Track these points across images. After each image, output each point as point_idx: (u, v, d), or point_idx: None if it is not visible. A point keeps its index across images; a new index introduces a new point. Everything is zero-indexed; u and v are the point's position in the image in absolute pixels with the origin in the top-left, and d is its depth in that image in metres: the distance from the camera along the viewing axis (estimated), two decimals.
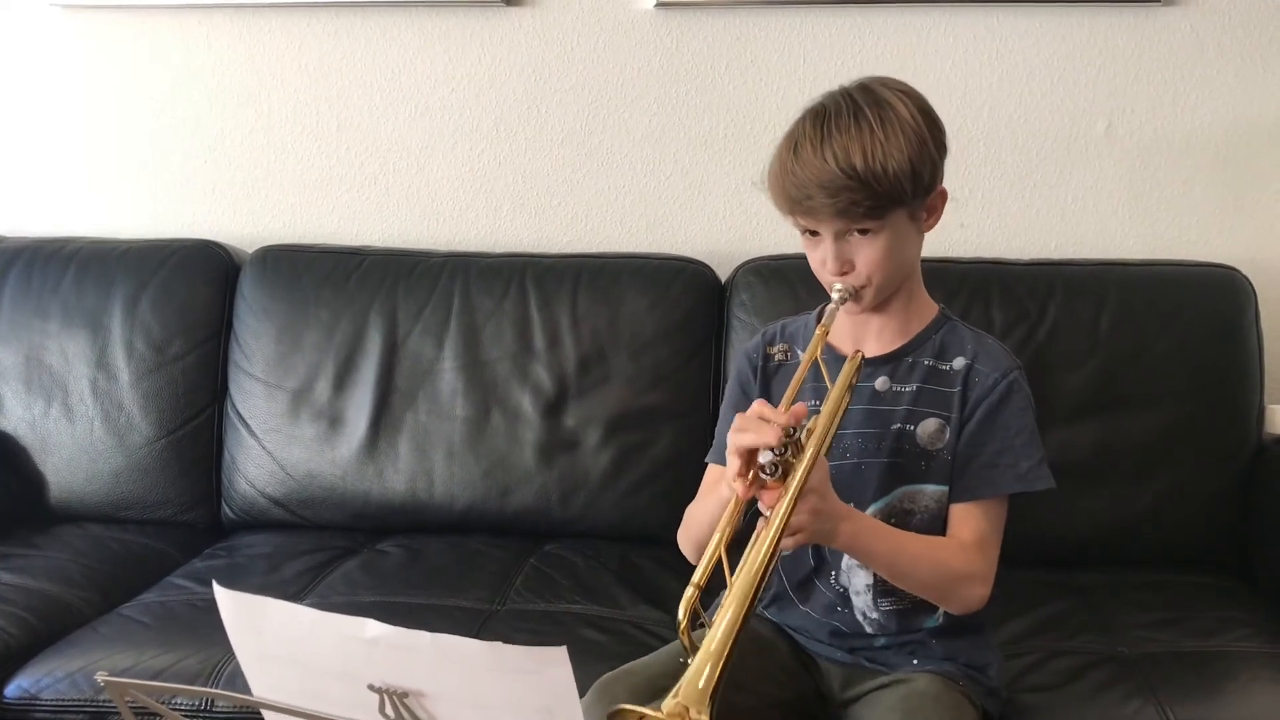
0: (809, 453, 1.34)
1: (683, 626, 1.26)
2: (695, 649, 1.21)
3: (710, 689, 1.14)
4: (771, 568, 1.30)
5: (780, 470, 1.31)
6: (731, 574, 1.28)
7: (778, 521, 1.30)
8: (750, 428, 1.33)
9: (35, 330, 2.39)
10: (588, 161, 2.49)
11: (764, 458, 1.31)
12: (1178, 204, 2.36)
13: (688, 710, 1.10)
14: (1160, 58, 2.33)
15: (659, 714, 1.10)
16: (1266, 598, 2.00)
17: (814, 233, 1.50)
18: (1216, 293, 2.18)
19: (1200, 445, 2.13)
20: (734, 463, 1.34)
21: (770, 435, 1.31)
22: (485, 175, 2.52)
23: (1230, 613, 1.92)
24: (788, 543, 1.34)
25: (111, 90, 2.59)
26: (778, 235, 2.31)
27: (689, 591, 1.28)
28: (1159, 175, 2.36)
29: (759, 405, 1.36)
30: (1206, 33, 2.31)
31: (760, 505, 1.34)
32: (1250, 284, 2.18)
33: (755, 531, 1.32)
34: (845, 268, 1.49)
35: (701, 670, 1.16)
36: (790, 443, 1.32)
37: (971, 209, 2.38)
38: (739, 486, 1.33)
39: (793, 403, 1.39)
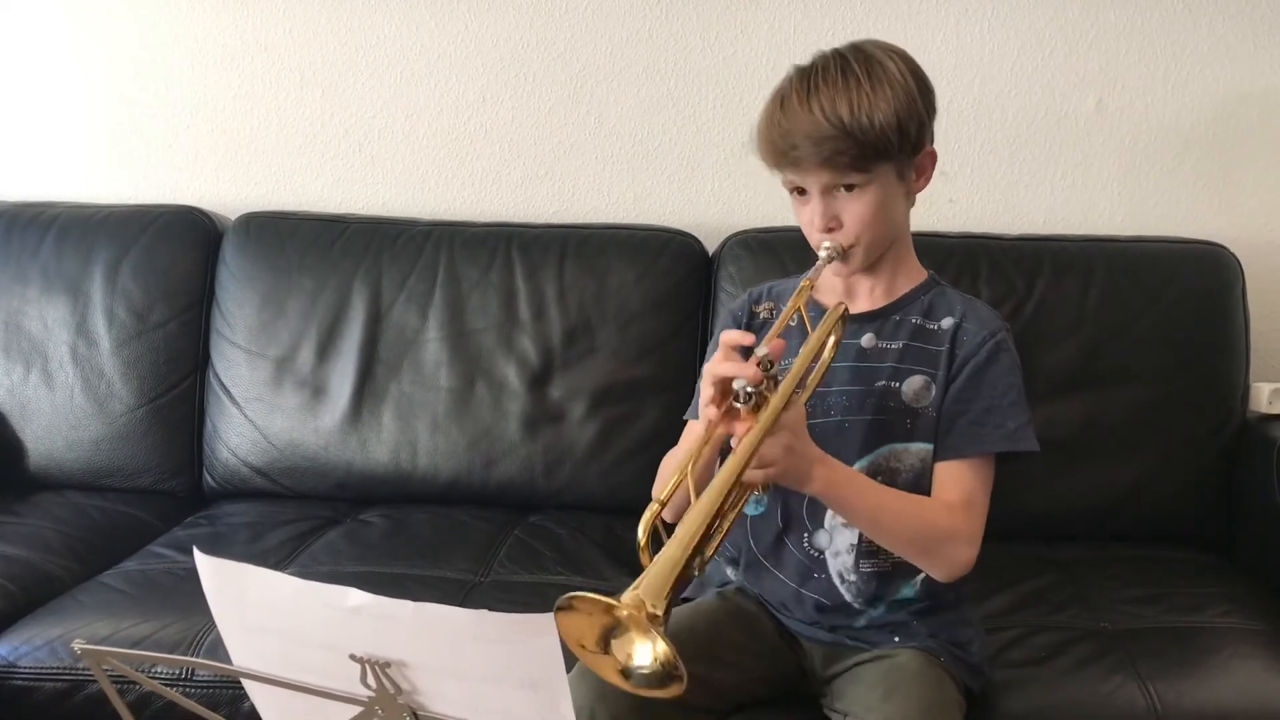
0: (783, 387, 1.32)
1: (642, 544, 1.22)
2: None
3: (669, 585, 1.12)
4: (740, 499, 1.29)
5: (753, 401, 1.30)
6: (698, 495, 1.25)
7: (746, 447, 1.27)
8: (730, 359, 1.32)
9: (14, 295, 2.37)
10: (575, 131, 2.47)
11: (738, 384, 1.30)
12: (1167, 180, 2.36)
13: (645, 603, 1.08)
14: (1151, 33, 2.32)
15: (615, 601, 1.08)
16: (1248, 574, 2.02)
17: (802, 191, 1.49)
18: (1203, 269, 2.18)
19: (1185, 421, 2.14)
20: (708, 390, 1.32)
21: (749, 371, 1.29)
22: (471, 144, 2.50)
23: (1212, 588, 1.93)
24: (758, 475, 1.32)
25: (93, 54, 2.55)
26: (766, 207, 2.31)
27: (652, 507, 1.25)
28: (1148, 151, 2.35)
29: (734, 334, 1.35)
30: (1198, 8, 2.30)
31: (733, 438, 1.31)
32: (1237, 261, 2.18)
33: (729, 458, 1.29)
34: (832, 224, 1.48)
35: (661, 566, 1.14)
36: (767, 377, 1.30)
37: (960, 183, 2.37)
38: (711, 412, 1.31)
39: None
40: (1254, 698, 1.65)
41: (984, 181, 2.39)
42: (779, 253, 2.20)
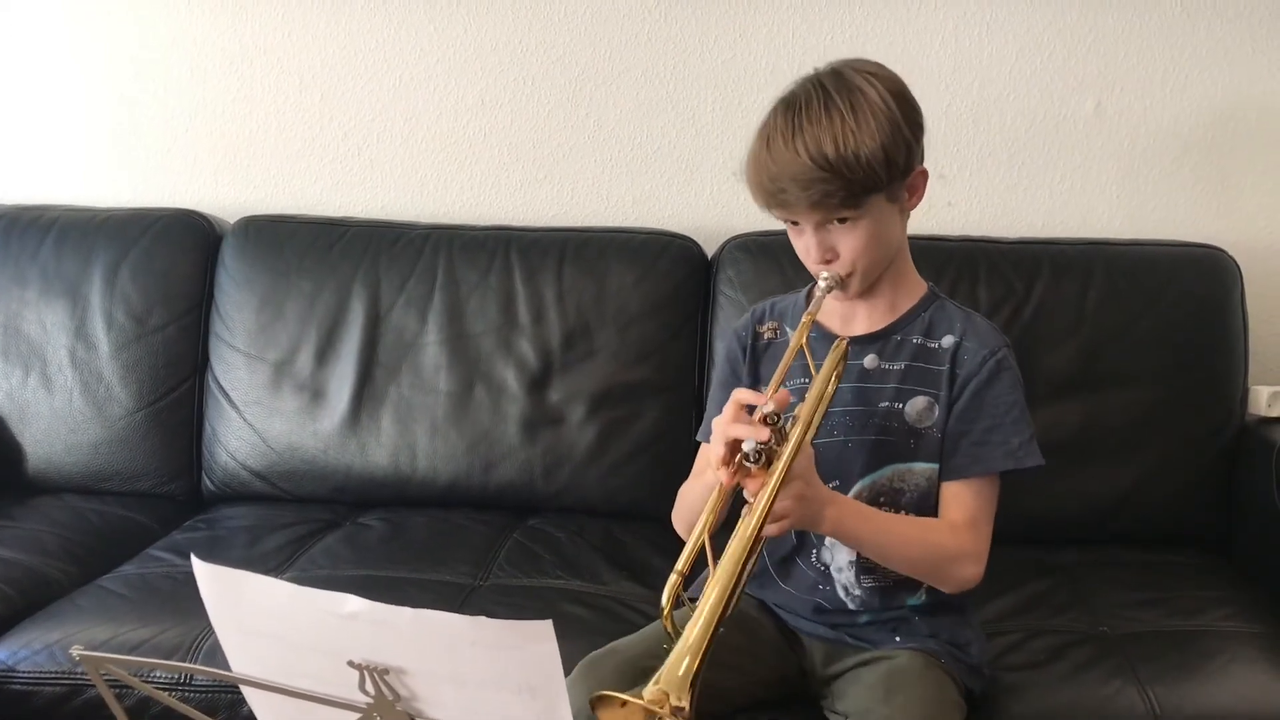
0: (793, 440, 1.34)
1: (666, 612, 1.27)
2: (678, 633, 1.21)
3: (690, 676, 1.15)
4: (755, 555, 1.31)
5: (764, 458, 1.31)
6: (715, 560, 1.28)
7: (760, 510, 1.30)
8: (741, 420, 1.33)
9: (13, 298, 2.36)
10: (574, 134, 2.46)
11: (747, 445, 1.32)
12: (1165, 184, 2.36)
13: (668, 696, 1.10)
14: (1150, 37, 2.32)
15: (640, 700, 1.10)
16: (1248, 577, 2.01)
17: (796, 221, 1.50)
18: (1202, 273, 2.18)
19: (1184, 424, 2.13)
20: (719, 450, 1.34)
21: (759, 433, 1.31)
22: (470, 147, 2.50)
23: (1212, 592, 1.93)
24: (772, 529, 1.34)
25: (93, 54, 2.55)
26: (764, 211, 2.30)
27: (672, 578, 1.28)
28: (1147, 155, 2.35)
29: (744, 393, 1.37)
30: (1196, 12, 2.30)
31: (745, 493, 1.34)
32: (1236, 264, 2.18)
33: (741, 518, 1.32)
34: (828, 256, 1.49)
35: (683, 657, 1.17)
36: (774, 430, 1.32)
37: (959, 187, 2.37)
38: (723, 475, 1.34)
39: (780, 384, 1.39)
40: (1254, 701, 1.65)
41: (983, 185, 2.39)
42: (777, 256, 2.19)
